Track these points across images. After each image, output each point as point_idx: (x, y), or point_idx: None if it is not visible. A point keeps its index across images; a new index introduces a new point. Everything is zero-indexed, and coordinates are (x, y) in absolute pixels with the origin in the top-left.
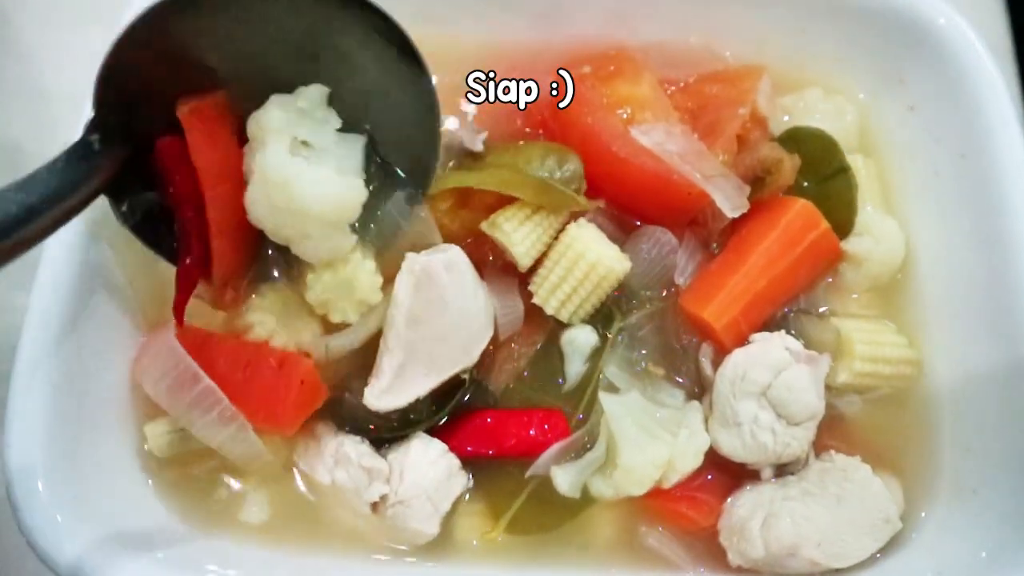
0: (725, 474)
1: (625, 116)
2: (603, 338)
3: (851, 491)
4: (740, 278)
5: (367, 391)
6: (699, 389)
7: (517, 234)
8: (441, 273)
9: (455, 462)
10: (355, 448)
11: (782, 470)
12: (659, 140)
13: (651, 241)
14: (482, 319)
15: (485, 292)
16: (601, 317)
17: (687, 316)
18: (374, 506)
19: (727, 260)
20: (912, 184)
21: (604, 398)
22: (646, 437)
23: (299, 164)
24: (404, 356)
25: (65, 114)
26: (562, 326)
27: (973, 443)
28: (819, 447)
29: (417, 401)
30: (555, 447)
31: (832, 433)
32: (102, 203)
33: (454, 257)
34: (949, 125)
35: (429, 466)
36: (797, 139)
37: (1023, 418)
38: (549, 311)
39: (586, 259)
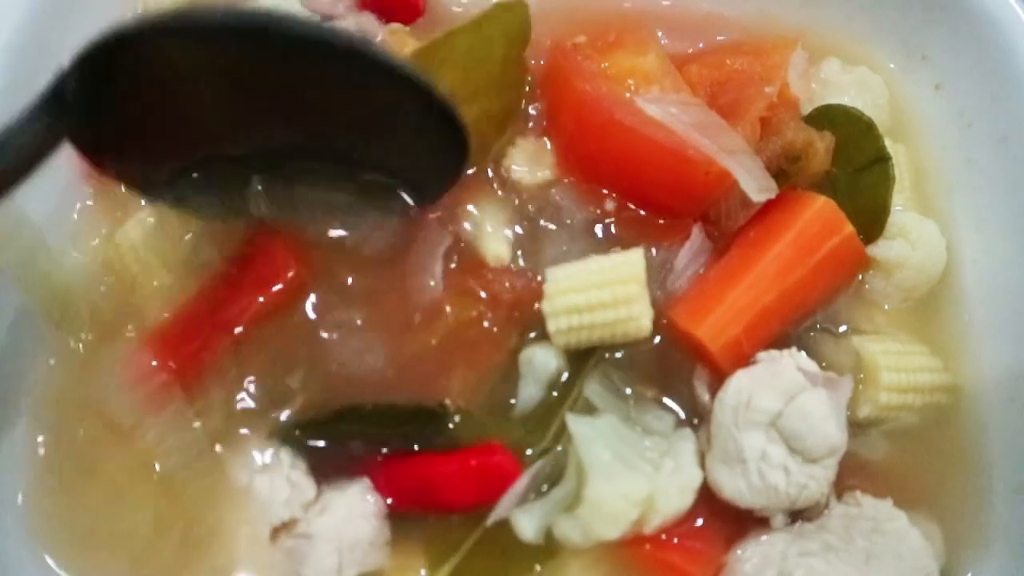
0: (724, 519)
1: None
2: (579, 358)
3: (884, 544)
4: (744, 289)
5: None
6: (696, 419)
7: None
8: None
9: (386, 534)
10: (291, 459)
11: (797, 516)
12: (671, 111)
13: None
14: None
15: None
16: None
17: (678, 332)
18: (275, 531)
19: (730, 266)
20: (943, 176)
21: (572, 420)
22: (620, 466)
23: None
24: None
25: None
26: (523, 342)
27: None
28: (840, 487)
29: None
30: (518, 485)
31: (853, 470)
32: None
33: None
34: (984, 105)
35: (358, 519)
36: (827, 120)
37: None
38: (551, 327)
39: (622, 307)
